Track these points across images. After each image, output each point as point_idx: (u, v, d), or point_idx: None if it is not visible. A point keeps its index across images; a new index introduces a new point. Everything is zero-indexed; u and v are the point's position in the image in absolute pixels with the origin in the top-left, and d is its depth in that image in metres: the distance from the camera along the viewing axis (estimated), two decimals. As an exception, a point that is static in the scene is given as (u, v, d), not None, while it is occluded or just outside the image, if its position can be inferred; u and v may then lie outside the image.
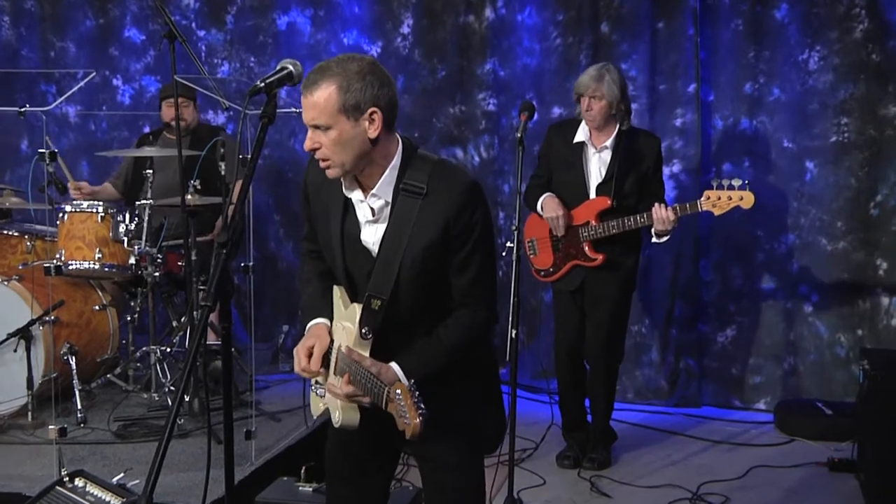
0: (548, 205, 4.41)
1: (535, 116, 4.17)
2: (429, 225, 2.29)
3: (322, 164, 2.30)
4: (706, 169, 5.43)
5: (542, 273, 4.57)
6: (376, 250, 2.35)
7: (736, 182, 4.19)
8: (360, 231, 2.38)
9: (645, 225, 4.25)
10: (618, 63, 5.48)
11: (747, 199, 4.18)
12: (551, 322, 5.43)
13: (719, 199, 4.20)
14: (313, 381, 2.51)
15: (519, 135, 3.72)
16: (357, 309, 2.35)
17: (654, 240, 4.31)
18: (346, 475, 2.59)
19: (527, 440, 4.78)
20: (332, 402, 2.40)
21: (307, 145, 2.29)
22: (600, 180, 4.38)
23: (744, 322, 5.52)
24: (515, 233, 3.68)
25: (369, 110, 2.25)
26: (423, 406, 2.07)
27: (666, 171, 5.19)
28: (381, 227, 2.35)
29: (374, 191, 2.33)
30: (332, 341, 2.43)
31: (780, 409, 5.23)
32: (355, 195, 2.37)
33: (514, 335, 3.57)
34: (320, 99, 2.22)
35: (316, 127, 2.26)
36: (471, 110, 5.93)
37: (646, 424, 5.18)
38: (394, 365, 2.31)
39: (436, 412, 2.13)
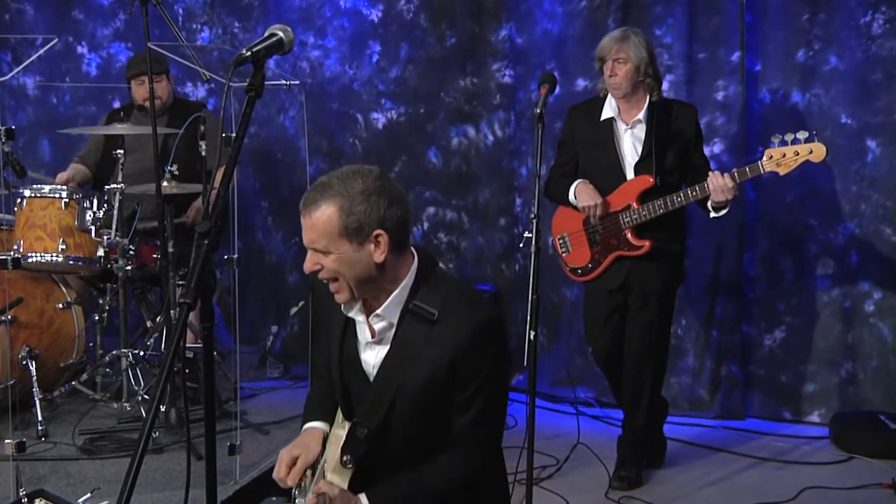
0: (583, 192, 4.41)
1: (557, 89, 4.15)
2: (435, 358, 2.32)
3: (331, 287, 2.36)
4: (751, 149, 5.42)
5: (580, 271, 4.57)
6: (372, 376, 2.40)
7: (801, 135, 4.16)
8: (358, 355, 2.44)
9: (697, 199, 4.25)
10: (651, 29, 5.49)
11: (818, 152, 4.14)
12: (574, 322, 5.44)
13: (784, 156, 4.16)
14: (301, 483, 2.58)
15: (539, 110, 3.71)
16: (342, 436, 2.43)
17: (711, 214, 4.31)
18: None
19: (548, 456, 4.79)
20: None
21: (307, 267, 2.34)
22: (637, 158, 4.38)
23: (794, 323, 5.51)
24: (534, 221, 3.68)
25: (374, 233, 2.29)
26: None
27: (706, 150, 5.16)
28: (381, 351, 2.40)
29: (378, 311, 2.37)
30: (323, 449, 2.52)
31: (837, 422, 5.22)
32: (358, 317, 2.41)
33: (532, 337, 3.58)
34: (319, 221, 2.27)
35: (315, 250, 2.31)
36: (484, 83, 5.92)
37: (682, 439, 5.18)
38: (362, 497, 2.35)
39: None
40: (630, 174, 4.40)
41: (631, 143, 4.41)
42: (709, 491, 4.55)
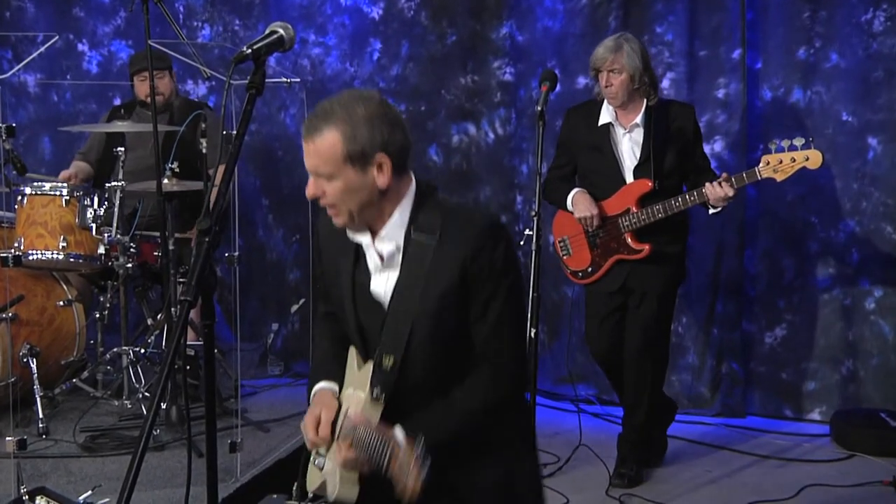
0: (580, 202, 4.43)
1: (558, 87, 4.16)
2: (444, 270, 2.31)
3: (329, 213, 2.35)
4: (752, 146, 5.42)
5: (580, 274, 4.59)
6: (388, 302, 2.38)
7: (798, 141, 4.18)
8: (370, 281, 2.42)
9: (696, 204, 4.27)
10: (652, 26, 5.49)
11: (814, 159, 4.17)
12: (576, 321, 5.44)
13: (780, 162, 4.19)
14: (313, 451, 2.55)
15: (539, 108, 3.72)
16: (369, 372, 2.37)
17: (710, 211, 4.32)
18: None
19: (549, 454, 4.79)
20: (330, 473, 2.41)
21: (309, 193, 2.33)
22: (636, 163, 4.40)
23: (795, 321, 5.52)
24: (535, 219, 3.69)
25: (377, 158, 2.28)
26: (427, 469, 2.10)
27: (707, 148, 5.17)
28: (392, 276, 2.38)
29: (382, 233, 2.36)
30: (340, 407, 2.45)
31: (838, 419, 5.22)
32: (363, 239, 2.40)
33: (532, 335, 3.58)
34: (322, 147, 2.26)
35: (318, 175, 2.30)
36: (485, 80, 5.92)
37: (683, 436, 5.18)
38: (397, 430, 2.31)
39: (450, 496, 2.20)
40: (629, 178, 4.41)
41: (629, 148, 4.43)
42: (709, 489, 4.56)
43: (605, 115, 4.45)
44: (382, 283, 2.40)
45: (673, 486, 4.57)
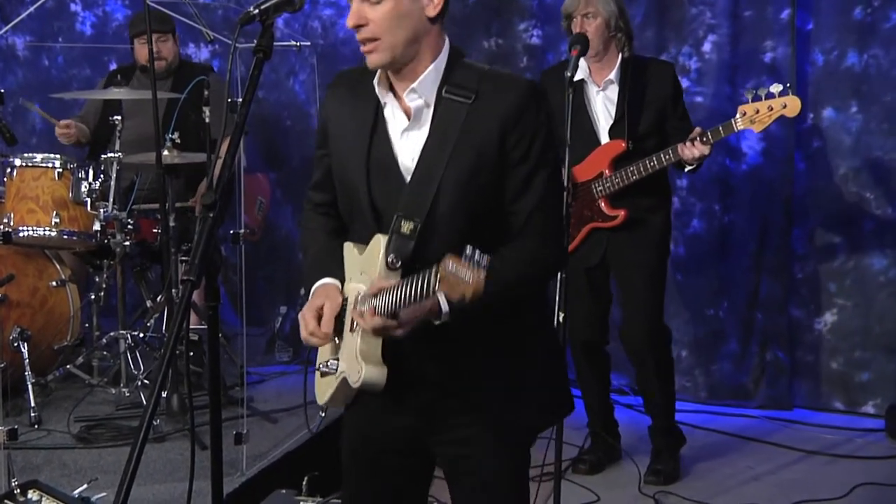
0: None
1: (589, 51, 4.16)
2: (479, 132, 2.28)
3: (366, 49, 2.29)
4: (800, 116, 5.37)
5: None
6: (412, 169, 2.33)
7: (775, 88, 4.18)
8: (391, 148, 2.37)
9: (671, 163, 4.28)
10: (691, -16, 5.46)
11: (792, 106, 4.18)
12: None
13: (757, 112, 4.19)
14: (319, 361, 2.52)
15: (569, 74, 3.71)
16: (382, 240, 2.31)
17: (686, 169, 4.34)
18: (367, 482, 2.57)
19: (577, 447, 4.80)
20: (349, 362, 2.38)
21: (351, 21, 2.29)
22: (611, 122, 4.40)
23: (847, 305, 5.50)
24: (565, 193, 3.67)
25: None
26: (483, 261, 1.99)
27: (752, 117, 5.14)
28: (418, 138, 2.34)
29: (413, 86, 2.33)
30: (344, 301, 2.41)
31: (894, 413, 5.21)
32: (390, 99, 2.37)
33: (561, 319, 3.58)
34: None
35: (363, 0, 2.27)
36: (510, 44, 5.90)
37: (723, 430, 5.19)
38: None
39: (470, 386, 2.24)
40: (605, 139, 4.41)
41: (603, 106, 4.43)
42: (752, 486, 4.56)
43: (579, 72, 4.40)
44: (407, 148, 2.36)
45: (712, 484, 4.57)
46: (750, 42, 5.46)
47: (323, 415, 4.33)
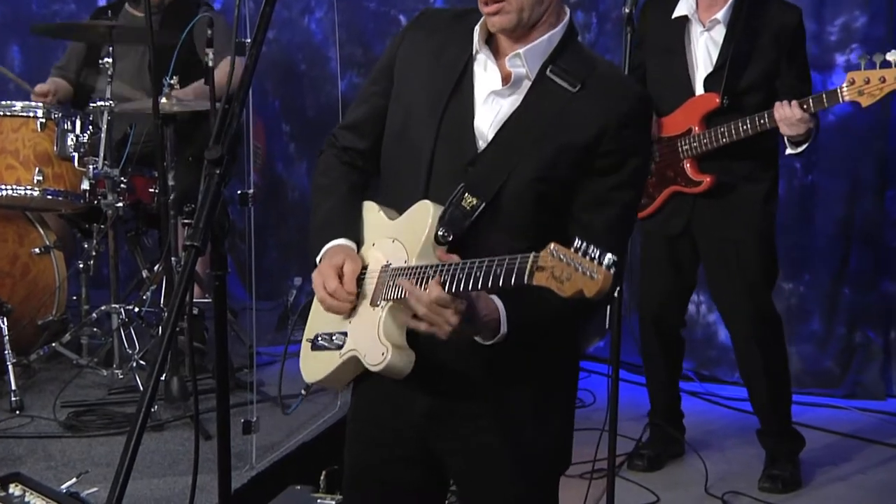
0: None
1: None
2: (573, 127, 2.30)
3: (489, 9, 2.31)
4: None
5: None
6: (488, 138, 2.35)
7: (892, 56, 4.05)
8: (472, 108, 2.38)
9: (766, 129, 4.17)
10: None
11: None
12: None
13: (867, 82, 4.08)
14: (313, 332, 2.52)
15: (627, 10, 3.69)
16: (431, 208, 2.31)
17: (787, 151, 4.26)
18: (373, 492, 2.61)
19: (631, 440, 4.79)
20: (367, 340, 2.38)
21: None
22: (710, 69, 4.32)
23: (950, 279, 5.47)
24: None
25: None
26: (607, 259, 1.96)
27: (840, 61, 5.10)
28: (505, 108, 2.36)
29: (521, 51, 2.34)
30: (363, 269, 2.41)
31: None
32: (487, 53, 2.38)
33: (616, 293, 3.58)
34: None
35: None
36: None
37: (804, 422, 5.15)
38: (495, 298, 2.23)
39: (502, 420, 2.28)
40: (699, 90, 4.34)
41: (705, 50, 4.34)
42: (837, 487, 4.56)
43: (683, 6, 4.35)
44: (487, 112, 2.37)
45: (824, 489, 4.57)
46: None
47: (304, 393, 4.36)
